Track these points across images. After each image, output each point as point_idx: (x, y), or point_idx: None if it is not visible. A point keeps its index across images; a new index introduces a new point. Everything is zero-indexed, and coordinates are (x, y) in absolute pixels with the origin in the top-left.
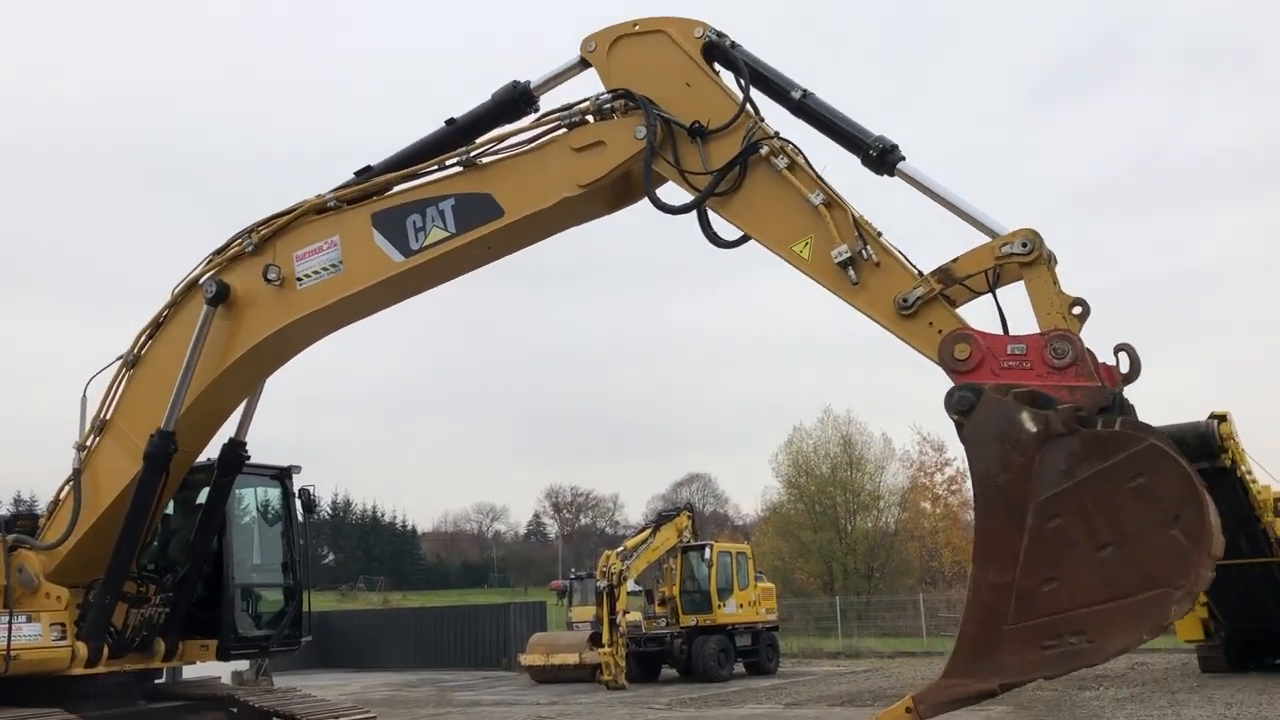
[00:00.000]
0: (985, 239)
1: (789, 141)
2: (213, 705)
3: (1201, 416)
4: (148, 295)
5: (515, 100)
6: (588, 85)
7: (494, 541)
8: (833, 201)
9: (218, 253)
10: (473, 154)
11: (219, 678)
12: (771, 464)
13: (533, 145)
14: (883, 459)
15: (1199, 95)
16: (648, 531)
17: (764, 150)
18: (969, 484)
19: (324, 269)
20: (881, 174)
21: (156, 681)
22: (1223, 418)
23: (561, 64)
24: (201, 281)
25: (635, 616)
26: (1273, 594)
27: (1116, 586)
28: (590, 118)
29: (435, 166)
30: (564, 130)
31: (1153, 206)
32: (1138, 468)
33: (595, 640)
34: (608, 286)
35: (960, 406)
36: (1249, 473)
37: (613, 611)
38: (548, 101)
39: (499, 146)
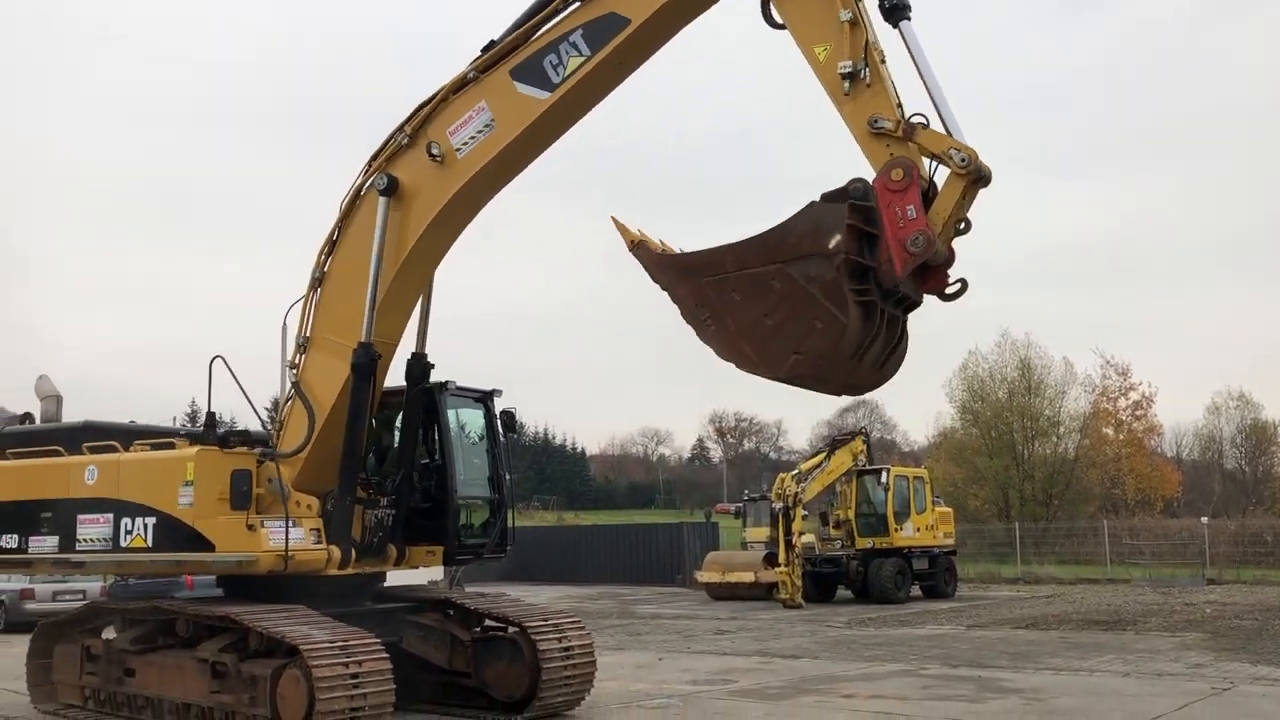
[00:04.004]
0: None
1: None
2: (431, 607)
3: None
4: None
5: None
6: None
7: (659, 464)
8: (857, 21)
9: (374, 157)
10: None
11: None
12: (945, 389)
13: None
14: (1063, 384)
15: None
16: (822, 455)
17: None
18: (1154, 410)
19: (479, 132)
20: (888, 22)
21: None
22: None
23: None
24: (370, 181)
25: (809, 538)
26: None
27: (750, 331)
28: None
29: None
30: None
31: None
32: (817, 317)
33: (770, 560)
34: (769, 208)
35: (852, 194)
36: None
37: (788, 532)
38: None
39: None
